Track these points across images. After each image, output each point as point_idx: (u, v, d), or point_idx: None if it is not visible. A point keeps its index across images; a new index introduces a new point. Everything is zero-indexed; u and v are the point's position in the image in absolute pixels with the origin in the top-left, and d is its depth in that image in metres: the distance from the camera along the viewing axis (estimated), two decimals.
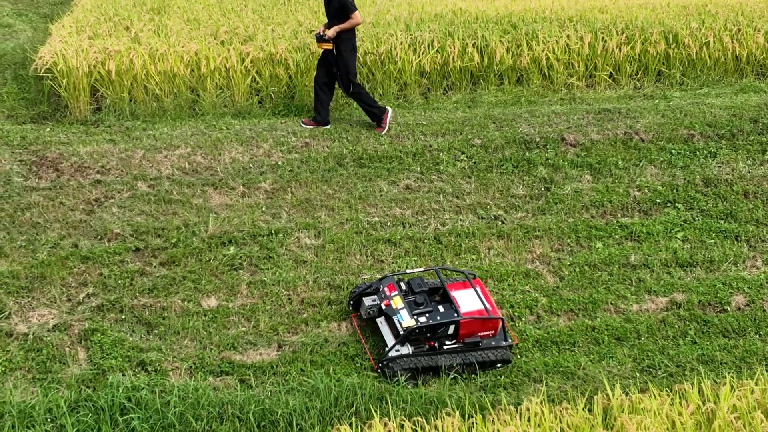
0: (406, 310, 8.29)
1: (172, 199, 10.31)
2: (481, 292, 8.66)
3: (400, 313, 8.28)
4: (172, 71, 12.82)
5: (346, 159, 11.34)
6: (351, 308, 8.97)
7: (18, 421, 7.09)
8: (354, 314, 8.94)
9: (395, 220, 10.36)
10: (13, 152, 10.97)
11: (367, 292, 8.85)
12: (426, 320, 8.21)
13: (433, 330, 8.22)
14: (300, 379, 8.06)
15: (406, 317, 8.22)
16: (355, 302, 8.91)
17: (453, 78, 14.02)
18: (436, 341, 8.29)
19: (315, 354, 8.48)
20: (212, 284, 9.20)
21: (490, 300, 8.62)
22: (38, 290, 8.85)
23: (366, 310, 8.70)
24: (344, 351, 8.52)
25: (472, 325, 8.29)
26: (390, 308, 8.40)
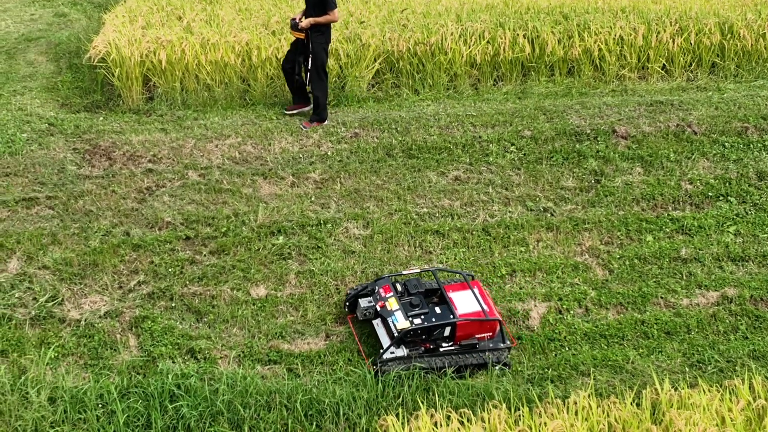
0: (400, 312, 8.16)
1: (222, 189, 10.39)
2: (479, 293, 8.50)
3: (395, 315, 8.16)
4: (223, 61, 12.89)
5: (396, 150, 11.34)
6: (347, 310, 8.88)
7: (70, 406, 7.21)
8: (350, 316, 8.86)
9: (444, 212, 10.34)
10: (67, 141, 11.12)
11: (363, 293, 8.76)
12: (421, 322, 8.07)
13: (428, 332, 8.10)
14: (347, 369, 8.10)
15: (401, 319, 8.10)
16: (351, 304, 8.82)
17: (503, 69, 13.94)
18: (432, 343, 8.17)
19: (364, 344, 8.50)
20: (261, 273, 9.25)
21: (488, 301, 8.47)
22: (90, 277, 8.97)
23: (362, 311, 8.60)
24: None
25: (469, 327, 8.15)
26: (385, 310, 8.29)
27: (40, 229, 9.43)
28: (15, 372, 7.62)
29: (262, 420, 7.24)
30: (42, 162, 10.61)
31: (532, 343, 8.68)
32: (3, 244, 9.13)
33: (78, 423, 7.13)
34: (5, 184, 10.15)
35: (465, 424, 6.78)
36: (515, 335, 8.74)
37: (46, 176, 10.36)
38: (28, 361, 7.78)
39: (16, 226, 9.47)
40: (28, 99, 12.78)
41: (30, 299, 8.56)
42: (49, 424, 7.06)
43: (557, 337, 8.78)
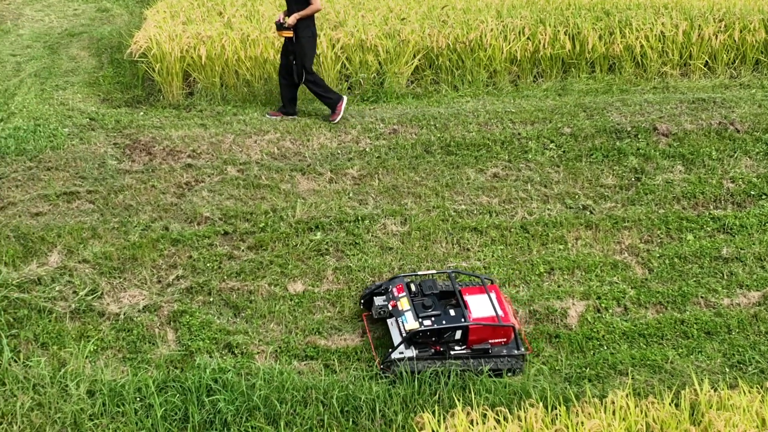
0: (411, 313, 8.07)
1: (260, 184, 10.42)
2: (495, 298, 8.35)
3: (405, 315, 8.07)
4: (262, 57, 12.93)
5: (434, 146, 11.31)
6: (362, 307, 8.82)
7: (108, 399, 7.27)
8: (365, 314, 8.80)
9: (482, 209, 10.30)
10: (108, 135, 11.21)
11: (378, 291, 8.70)
12: (431, 324, 7.96)
13: (438, 334, 7.99)
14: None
15: (410, 320, 8.01)
16: (367, 301, 8.76)
17: (543, 65, 13.88)
18: (443, 346, 8.06)
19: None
20: (299, 269, 9.27)
21: (504, 307, 8.32)
22: (129, 271, 9.03)
23: (377, 310, 8.52)
24: None
25: (482, 332, 8.02)
26: (396, 309, 8.21)
27: (81, 223, 9.52)
28: (55, 365, 7.69)
29: (299, 415, 7.25)
30: (83, 156, 10.70)
31: (570, 341, 8.62)
32: (44, 237, 9.22)
33: (116, 416, 7.18)
34: (47, 178, 10.25)
35: (501, 422, 6.75)
36: (552, 333, 8.69)
37: (87, 171, 10.46)
38: (67, 354, 7.85)
39: (57, 220, 9.56)
40: (70, 94, 12.91)
41: (70, 293, 8.64)
42: (88, 417, 7.12)
43: (595, 335, 8.72)
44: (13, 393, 7.29)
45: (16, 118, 11.76)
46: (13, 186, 10.10)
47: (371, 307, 8.65)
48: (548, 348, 8.55)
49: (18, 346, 7.90)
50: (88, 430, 7.01)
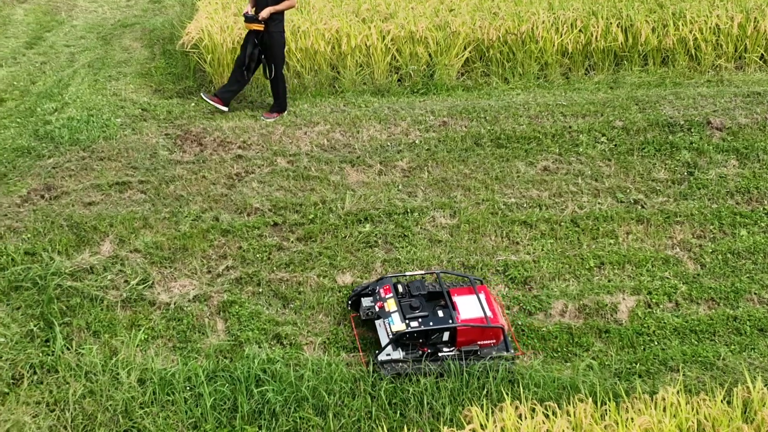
0: (398, 314, 7.93)
1: (310, 176, 10.45)
2: (485, 299, 8.18)
3: (392, 317, 7.94)
4: (313, 48, 12.96)
5: (484, 139, 11.27)
6: (350, 308, 8.69)
7: (159, 388, 7.33)
8: (353, 315, 8.67)
9: (532, 202, 10.24)
10: (160, 126, 11.30)
11: (365, 292, 8.56)
12: (417, 325, 7.81)
13: (425, 336, 7.84)
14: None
15: (397, 321, 7.87)
16: (354, 303, 8.64)
17: (595, 58, 13.76)
18: (431, 347, 7.91)
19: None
20: (347, 261, 9.28)
21: (494, 308, 8.15)
22: (180, 261, 9.10)
23: (364, 311, 8.42)
24: None
25: (471, 333, 7.85)
26: (383, 311, 8.09)
27: (133, 213, 9.61)
28: (106, 353, 7.77)
29: (347, 407, 7.27)
30: (135, 147, 10.81)
31: (620, 336, 8.54)
32: (97, 227, 9.31)
33: (166, 405, 7.24)
34: (99, 168, 10.36)
35: (550, 417, 6.71)
36: (602, 328, 8.60)
37: (139, 161, 10.55)
38: (119, 342, 7.92)
39: (109, 210, 9.66)
40: (123, 84, 13.04)
41: (122, 282, 8.72)
42: (139, 405, 7.18)
43: (646, 331, 8.63)
44: (66, 380, 7.38)
45: (70, 108, 11.90)
46: (67, 175, 10.23)
47: (359, 309, 8.52)
48: (598, 343, 8.47)
49: (70, 334, 7.98)
50: (138, 418, 7.07)
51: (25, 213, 9.50)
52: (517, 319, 8.61)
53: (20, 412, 7.01)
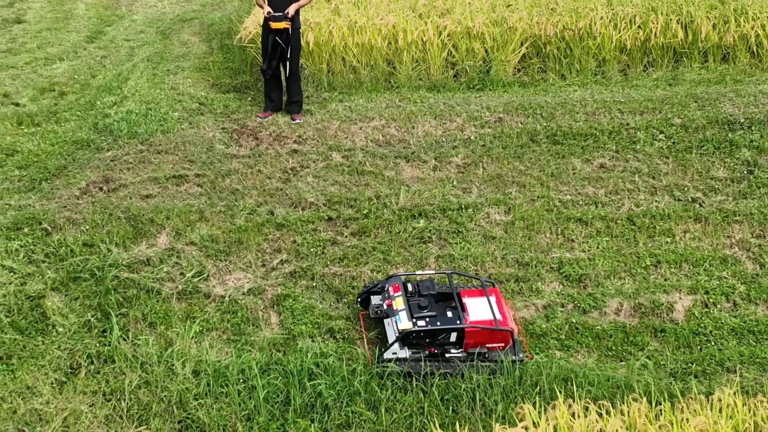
0: (405, 313, 7.82)
1: (365, 171, 10.46)
2: (495, 301, 8.04)
3: (399, 315, 7.84)
4: (369, 43, 12.98)
5: (540, 135, 11.20)
6: (359, 306, 8.60)
7: (213, 379, 7.39)
8: (362, 312, 8.58)
9: (587, 199, 10.16)
10: (216, 120, 11.39)
11: (375, 290, 8.47)
12: (424, 324, 7.70)
13: (432, 336, 7.73)
14: None
15: (404, 320, 7.77)
16: (364, 300, 8.54)
17: (654, 54, 13.61)
18: (438, 348, 7.79)
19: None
20: (401, 256, 9.27)
21: (504, 311, 7.99)
22: (235, 254, 9.16)
23: (374, 309, 8.31)
24: (530, 329, 8.42)
25: (479, 335, 7.72)
26: (391, 309, 7.99)
27: (189, 206, 9.70)
28: (162, 344, 7.85)
29: (399, 402, 7.26)
30: (192, 141, 10.91)
31: (676, 336, 8.43)
32: (153, 219, 9.41)
33: (220, 396, 7.29)
34: (157, 161, 10.48)
35: (603, 416, 6.64)
36: (657, 328, 8.50)
37: (196, 154, 10.65)
38: (174, 334, 7.99)
39: (166, 203, 9.77)
40: (181, 78, 13.17)
41: (177, 274, 8.80)
42: (193, 396, 7.24)
43: (702, 331, 8.51)
44: (122, 371, 7.47)
45: (129, 102, 12.05)
46: (125, 168, 10.35)
47: (369, 307, 8.44)
48: (653, 342, 8.37)
49: (127, 325, 8.08)
50: (192, 409, 7.13)
51: (84, 205, 9.63)
52: (571, 317, 8.54)
53: (77, 401, 7.12)
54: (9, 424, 6.89)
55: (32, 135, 11.59)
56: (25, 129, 11.89)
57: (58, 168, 10.45)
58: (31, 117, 12.20)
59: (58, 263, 8.70)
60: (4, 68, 14.36)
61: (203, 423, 7.01)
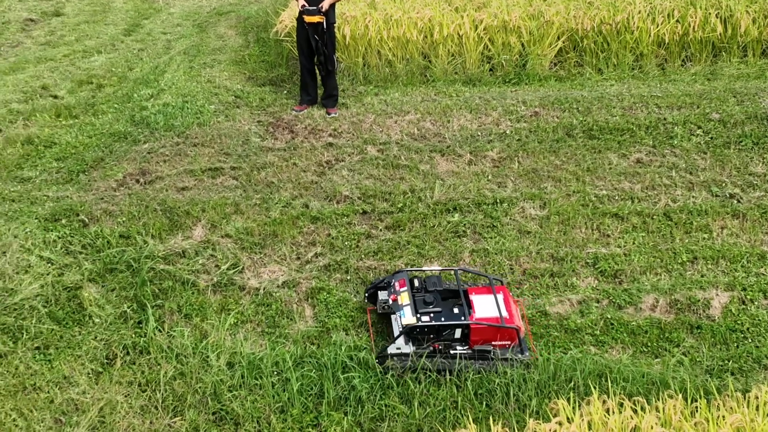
0: (410, 308, 7.77)
1: (399, 164, 10.46)
2: (503, 299, 7.93)
3: (403, 310, 7.79)
4: (405, 37, 12.96)
5: (576, 130, 11.14)
6: (367, 301, 8.54)
7: (247, 371, 7.42)
8: (370, 308, 8.50)
9: (623, 194, 10.09)
10: (252, 113, 11.43)
11: (382, 285, 8.41)
12: (429, 320, 7.65)
13: (437, 331, 7.69)
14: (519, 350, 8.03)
15: (408, 315, 7.71)
16: (372, 295, 8.47)
17: (692, 49, 13.48)
18: (442, 344, 7.73)
19: (534, 325, 8.39)
20: (435, 250, 9.26)
21: (511, 309, 7.88)
22: (270, 247, 9.19)
23: (381, 304, 8.20)
24: (565, 325, 8.37)
25: (485, 333, 7.63)
26: (396, 304, 7.95)
27: (224, 199, 9.74)
28: (197, 336, 7.89)
29: (432, 396, 7.25)
30: (228, 133, 10.95)
31: (713, 333, 8.34)
32: (189, 212, 9.46)
33: (254, 389, 7.32)
34: (193, 153, 10.53)
35: (638, 412, 6.60)
36: (694, 324, 8.42)
37: (232, 147, 10.70)
38: (209, 326, 8.04)
39: (201, 195, 9.81)
40: (217, 72, 13.22)
41: (213, 266, 8.84)
42: (227, 388, 7.28)
43: (739, 328, 8.42)
44: (157, 362, 7.52)
45: (166, 95, 12.12)
46: (162, 161, 10.42)
47: (376, 302, 8.35)
48: (689, 339, 8.29)
49: (162, 317, 8.13)
50: (227, 400, 7.16)
51: (121, 197, 9.70)
52: (607, 313, 8.48)
53: (113, 392, 7.18)
54: (46, 413, 6.96)
55: (70, 127, 11.69)
56: (63, 121, 11.99)
57: (96, 160, 10.53)
58: (69, 109, 12.31)
59: (95, 254, 8.77)
60: (43, 61, 14.48)
61: (237, 415, 7.05)
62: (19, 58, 14.49)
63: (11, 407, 6.96)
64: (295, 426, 7.01)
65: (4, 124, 11.57)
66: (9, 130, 11.41)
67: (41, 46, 15.23)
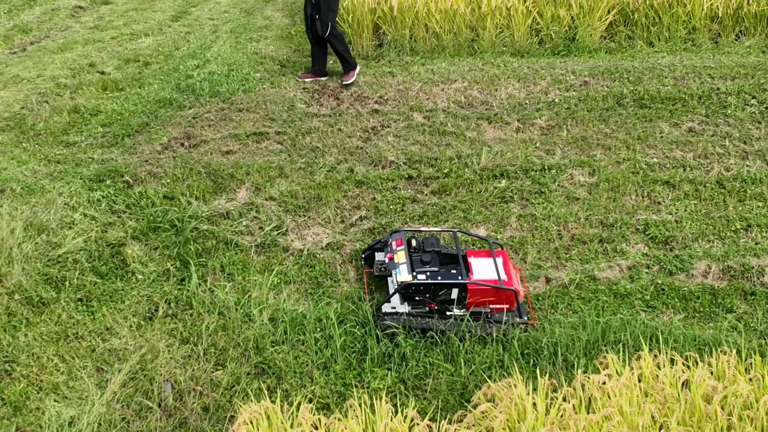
0: (406, 266, 7.54)
1: (446, 131, 10.31)
2: (502, 263, 7.70)
3: (399, 268, 7.56)
4: (452, 9, 12.80)
5: (626, 99, 10.92)
6: (363, 263, 8.35)
7: (290, 327, 7.34)
8: (366, 270, 8.31)
9: (675, 163, 9.86)
10: (298, 81, 11.34)
11: (379, 247, 8.18)
12: (425, 278, 7.41)
13: (433, 291, 7.44)
14: (567, 313, 7.86)
15: (404, 272, 7.48)
16: (368, 257, 8.28)
17: (747, 23, 13.17)
18: (438, 304, 7.49)
19: (583, 290, 8.21)
20: (482, 215, 9.11)
21: (510, 272, 7.64)
22: (314, 210, 9.10)
23: (377, 266, 8.00)
24: (613, 290, 8.18)
25: (482, 294, 7.39)
26: (392, 262, 7.70)
27: (269, 162, 9.66)
28: (239, 293, 7.82)
29: (477, 354, 7.11)
30: (273, 100, 10.89)
31: (767, 299, 8.12)
32: (233, 174, 9.40)
33: (296, 344, 7.24)
34: (238, 119, 10.47)
35: (690, 367, 6.40)
36: (747, 291, 8.19)
37: (276, 113, 10.62)
38: (252, 284, 7.97)
39: (246, 159, 9.74)
40: (263, 45, 13.17)
41: (256, 228, 8.77)
42: (270, 343, 7.20)
43: None
44: (200, 315, 7.46)
45: (211, 65, 12.10)
46: (206, 125, 10.36)
47: (373, 264, 8.17)
48: (743, 305, 8.06)
49: (205, 275, 8.07)
50: (269, 354, 7.08)
51: (165, 159, 9.66)
52: (657, 278, 8.28)
53: (155, 341, 7.13)
54: (88, 361, 6.92)
55: (116, 98, 11.67)
56: (109, 93, 11.98)
57: (141, 125, 10.50)
58: (116, 83, 12.29)
59: (139, 213, 8.74)
60: (91, 42, 14.50)
61: (279, 368, 6.97)
62: (68, 39, 14.53)
63: (53, 352, 6.94)
64: (338, 381, 6.91)
65: (51, 96, 11.58)
66: (56, 102, 11.42)
67: (89, 30, 15.26)
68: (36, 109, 10.97)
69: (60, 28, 15.42)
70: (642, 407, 5.67)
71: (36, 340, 7.02)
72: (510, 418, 5.71)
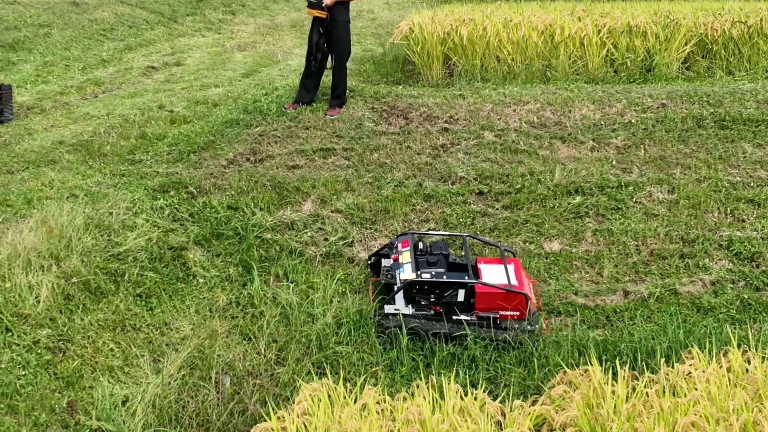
0: (410, 265, 7.13)
1: (518, 149, 10.01)
2: (513, 270, 7.23)
3: (404, 267, 7.15)
4: (524, 40, 12.58)
5: (706, 120, 10.53)
6: (369, 270, 7.96)
7: (354, 327, 7.05)
8: (373, 278, 7.89)
9: (760, 182, 9.42)
10: (366, 102, 11.19)
11: (384, 253, 7.75)
12: (429, 278, 6.97)
13: (438, 292, 7.02)
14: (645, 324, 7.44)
15: (408, 271, 7.08)
16: (374, 264, 7.85)
17: None
18: (443, 307, 7.06)
19: (663, 303, 7.77)
20: (556, 229, 8.75)
21: (522, 279, 7.15)
22: (381, 223, 8.83)
23: (384, 272, 7.48)
24: (696, 303, 7.73)
25: (491, 299, 6.94)
26: (397, 263, 7.28)
27: (335, 177, 9.43)
28: (302, 294, 7.55)
29: (551, 358, 6.70)
30: (341, 118, 10.72)
31: None
32: (299, 187, 9.19)
33: (360, 345, 6.92)
34: (305, 136, 10.30)
35: None
36: None
37: (344, 131, 10.43)
38: (315, 287, 7.70)
39: (312, 173, 9.53)
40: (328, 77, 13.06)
41: (321, 239, 8.52)
42: (333, 342, 6.89)
43: None
44: (262, 313, 7.21)
45: (279, 91, 12.01)
46: (273, 142, 10.21)
47: (379, 272, 7.70)
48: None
49: (268, 281, 7.83)
50: (331, 352, 6.77)
51: (231, 173, 9.49)
52: (743, 293, 7.81)
53: (216, 325, 6.90)
54: (144, 351, 6.69)
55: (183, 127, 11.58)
56: (176, 125, 11.91)
57: (207, 143, 10.37)
58: (184, 118, 12.23)
59: (202, 222, 8.54)
60: (162, 91, 14.55)
61: (342, 367, 6.64)
62: (138, 89, 14.61)
63: (109, 338, 6.72)
64: (403, 382, 6.55)
65: (119, 128, 11.54)
66: (124, 130, 11.36)
67: (161, 83, 15.36)
68: (104, 135, 10.91)
69: (132, 83, 15.54)
70: (732, 393, 5.21)
71: (92, 325, 6.79)
72: (589, 402, 5.29)
